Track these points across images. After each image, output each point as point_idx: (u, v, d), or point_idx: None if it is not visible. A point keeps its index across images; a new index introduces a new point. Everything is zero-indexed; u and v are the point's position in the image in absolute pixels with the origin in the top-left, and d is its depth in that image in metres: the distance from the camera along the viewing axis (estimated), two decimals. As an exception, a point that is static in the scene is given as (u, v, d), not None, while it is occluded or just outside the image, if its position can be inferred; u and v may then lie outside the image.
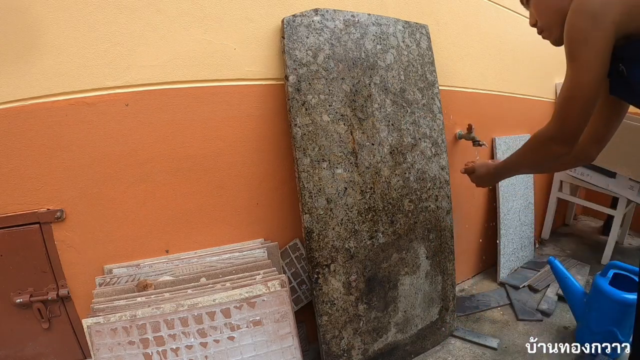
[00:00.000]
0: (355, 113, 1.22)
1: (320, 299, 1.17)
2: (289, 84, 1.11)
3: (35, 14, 0.89)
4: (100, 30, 0.95)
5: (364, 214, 1.24)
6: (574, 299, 1.49)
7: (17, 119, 0.93)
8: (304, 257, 1.32)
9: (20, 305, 1.03)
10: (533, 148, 0.89)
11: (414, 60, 1.37)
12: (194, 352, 0.97)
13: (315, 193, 1.14)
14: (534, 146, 0.88)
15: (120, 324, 0.92)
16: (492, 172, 1.11)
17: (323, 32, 1.16)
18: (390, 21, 1.31)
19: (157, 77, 1.03)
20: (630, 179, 1.88)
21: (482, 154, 1.84)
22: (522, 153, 0.94)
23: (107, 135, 1.01)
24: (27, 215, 0.99)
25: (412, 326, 1.41)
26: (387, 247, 1.30)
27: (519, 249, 2.08)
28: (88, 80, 0.97)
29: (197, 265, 1.12)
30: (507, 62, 1.91)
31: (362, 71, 1.24)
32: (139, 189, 1.08)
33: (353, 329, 1.24)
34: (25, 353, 1.08)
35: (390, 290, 1.33)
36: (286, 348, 1.04)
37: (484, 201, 1.97)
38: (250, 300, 0.98)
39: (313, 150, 1.14)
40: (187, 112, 1.09)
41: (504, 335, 1.55)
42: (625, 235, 2.43)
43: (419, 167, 1.38)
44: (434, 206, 1.43)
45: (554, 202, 2.40)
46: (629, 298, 1.29)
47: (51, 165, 0.99)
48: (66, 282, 1.05)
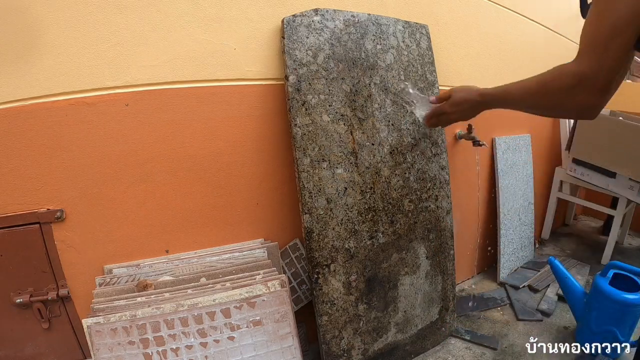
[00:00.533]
0: (355, 113, 1.22)
1: (320, 299, 1.17)
2: (289, 84, 1.11)
3: (35, 14, 0.89)
4: (100, 30, 0.95)
5: (364, 214, 1.24)
6: (574, 299, 1.49)
7: (17, 119, 0.93)
8: (304, 257, 1.32)
9: (20, 305, 1.03)
10: (550, 90, 0.69)
11: (414, 60, 1.37)
12: (194, 352, 0.97)
13: (315, 193, 1.14)
14: (553, 88, 0.68)
15: (120, 324, 0.92)
16: (475, 98, 0.90)
17: (323, 32, 1.16)
18: (390, 21, 1.31)
19: (157, 77, 1.03)
20: (630, 179, 1.88)
21: (482, 154, 1.85)
22: (532, 92, 0.75)
23: (107, 135, 1.01)
24: (27, 215, 0.99)
25: (412, 326, 1.41)
26: (387, 247, 1.30)
27: (519, 249, 2.08)
28: (88, 80, 0.97)
29: (197, 265, 1.12)
30: (507, 62, 1.91)
31: (362, 71, 1.24)
32: (139, 189, 1.08)
33: (353, 329, 1.24)
34: (25, 353, 1.08)
35: (390, 290, 1.33)
36: (286, 348, 1.04)
37: (484, 201, 1.97)
38: (250, 300, 0.98)
39: (313, 150, 1.14)
40: (187, 112, 1.09)
41: (504, 335, 1.55)
42: (625, 235, 2.43)
43: (419, 167, 1.38)
44: (434, 206, 1.43)
45: (554, 202, 2.40)
46: (629, 298, 1.29)
47: (51, 165, 0.99)
48: (66, 282, 1.05)
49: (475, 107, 0.92)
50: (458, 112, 0.95)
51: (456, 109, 0.94)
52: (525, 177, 2.08)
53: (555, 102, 0.69)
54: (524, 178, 2.08)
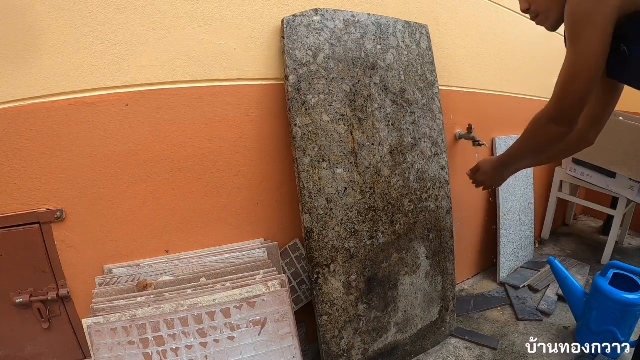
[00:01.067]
0: (355, 113, 1.22)
1: (320, 299, 1.17)
2: (289, 84, 1.11)
3: (35, 14, 0.89)
4: (101, 30, 0.95)
5: (364, 214, 1.24)
6: (574, 299, 1.49)
7: (17, 119, 0.93)
8: (304, 257, 1.32)
9: (20, 305, 1.03)
10: (532, 131, 0.88)
11: (414, 60, 1.37)
12: (194, 352, 0.97)
13: (315, 193, 1.14)
14: (534, 129, 0.87)
15: (120, 324, 0.92)
16: (496, 166, 1.08)
17: (323, 32, 1.16)
18: (390, 21, 1.31)
19: (157, 77, 1.03)
20: (630, 179, 1.88)
21: (482, 154, 1.85)
22: (523, 139, 0.92)
23: (107, 135, 1.01)
24: (27, 215, 0.99)
25: (412, 326, 1.41)
26: (387, 247, 1.30)
27: (519, 249, 2.08)
28: (88, 80, 0.97)
29: (197, 265, 1.12)
30: (507, 62, 1.91)
31: (362, 71, 1.24)
32: (139, 189, 1.08)
33: (353, 329, 1.24)
34: (25, 353, 1.08)
35: (390, 290, 1.33)
36: (286, 348, 1.04)
37: (484, 201, 1.97)
38: (250, 300, 0.98)
39: (313, 150, 1.14)
40: (187, 112, 1.09)
41: (504, 335, 1.55)
42: (625, 235, 2.43)
43: (419, 167, 1.38)
44: (434, 206, 1.43)
45: (554, 202, 2.40)
46: (629, 298, 1.29)
47: (51, 165, 0.99)
48: (66, 282, 1.05)
49: (499, 172, 1.09)
50: (489, 180, 1.13)
51: (486, 178, 1.13)
52: (525, 177, 2.08)
53: (540, 139, 0.86)
54: (524, 178, 2.08)
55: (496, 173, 1.10)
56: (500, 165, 1.07)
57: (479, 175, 1.15)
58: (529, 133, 0.90)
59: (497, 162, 1.08)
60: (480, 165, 1.14)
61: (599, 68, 0.73)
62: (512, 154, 1.00)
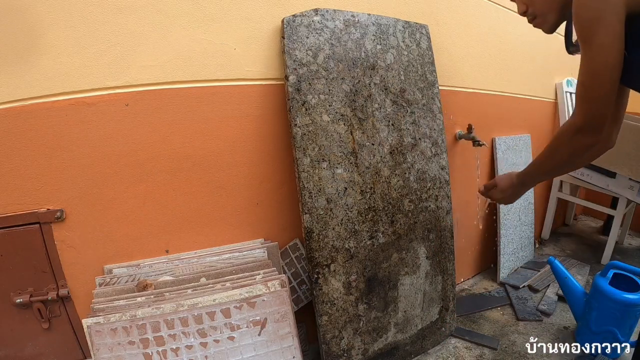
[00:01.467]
0: (355, 113, 1.22)
1: (320, 299, 1.17)
2: (289, 84, 1.11)
3: (35, 14, 0.89)
4: (100, 30, 0.95)
5: (364, 214, 1.24)
6: (574, 299, 1.49)
7: (17, 119, 0.93)
8: (304, 257, 1.32)
9: (20, 305, 1.03)
10: (560, 145, 0.83)
11: (414, 60, 1.37)
12: (194, 352, 0.97)
13: (315, 193, 1.14)
14: (561, 143, 0.83)
15: (120, 324, 0.92)
16: (515, 183, 1.03)
17: (323, 32, 1.16)
18: (390, 21, 1.31)
19: (157, 77, 1.03)
20: (630, 179, 1.88)
21: (482, 154, 1.85)
22: (548, 154, 0.88)
23: (107, 135, 1.01)
24: (27, 215, 0.99)
25: (412, 326, 1.41)
26: (387, 247, 1.30)
27: (519, 249, 2.08)
28: (88, 80, 0.97)
29: (197, 265, 1.12)
30: (507, 62, 1.91)
31: (362, 71, 1.24)
32: (139, 189, 1.08)
33: (353, 329, 1.24)
34: (25, 353, 1.08)
35: (390, 290, 1.33)
36: (286, 348, 1.04)
37: (483, 201, 1.97)
38: (250, 300, 0.98)
39: (313, 150, 1.14)
40: (187, 112, 1.09)
41: (504, 335, 1.55)
42: (625, 235, 2.43)
43: (419, 167, 1.38)
44: (434, 206, 1.43)
45: (554, 202, 2.40)
46: (629, 298, 1.29)
47: (51, 165, 0.99)
48: (66, 282, 1.05)
49: (517, 190, 1.05)
50: (506, 197, 1.08)
51: (504, 195, 1.08)
52: (525, 177, 2.08)
53: (569, 152, 0.82)
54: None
55: (514, 191, 1.06)
56: (520, 184, 1.03)
57: (496, 193, 1.10)
58: (553, 149, 0.86)
59: (516, 178, 1.04)
60: (497, 182, 1.09)
61: (619, 69, 0.70)
62: (533, 171, 0.97)
